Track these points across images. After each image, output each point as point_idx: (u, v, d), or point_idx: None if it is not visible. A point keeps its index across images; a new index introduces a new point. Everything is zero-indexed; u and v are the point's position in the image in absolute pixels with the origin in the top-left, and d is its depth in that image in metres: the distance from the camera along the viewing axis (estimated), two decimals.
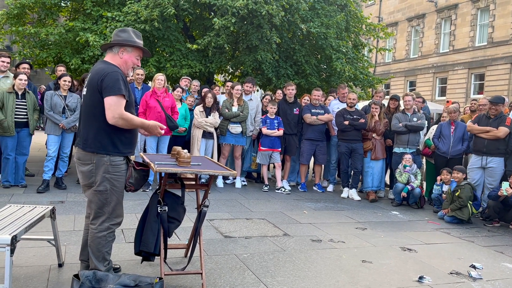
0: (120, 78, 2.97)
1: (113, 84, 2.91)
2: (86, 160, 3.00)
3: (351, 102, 7.53)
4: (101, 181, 2.98)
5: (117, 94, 2.92)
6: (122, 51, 3.12)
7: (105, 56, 3.20)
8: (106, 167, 2.98)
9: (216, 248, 4.36)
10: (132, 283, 2.75)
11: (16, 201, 5.59)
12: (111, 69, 3.00)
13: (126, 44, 3.11)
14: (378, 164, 7.45)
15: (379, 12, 29.43)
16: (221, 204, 6.32)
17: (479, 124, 6.55)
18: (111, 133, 2.98)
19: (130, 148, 3.13)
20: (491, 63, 21.64)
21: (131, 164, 3.13)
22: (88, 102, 3.04)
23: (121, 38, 3.13)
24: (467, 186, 6.18)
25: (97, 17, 9.35)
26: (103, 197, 3.01)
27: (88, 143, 2.99)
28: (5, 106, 6.19)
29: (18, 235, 2.83)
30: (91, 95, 3.00)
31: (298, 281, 3.66)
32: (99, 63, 3.15)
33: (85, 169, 3.02)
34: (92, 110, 3.00)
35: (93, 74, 3.04)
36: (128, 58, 3.14)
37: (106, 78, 2.93)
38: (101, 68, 3.03)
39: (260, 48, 9.30)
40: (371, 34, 12.05)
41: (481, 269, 4.26)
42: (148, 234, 3.31)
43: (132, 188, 3.12)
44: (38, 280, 3.34)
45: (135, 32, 3.20)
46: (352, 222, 5.87)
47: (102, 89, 2.92)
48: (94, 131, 2.99)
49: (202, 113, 7.32)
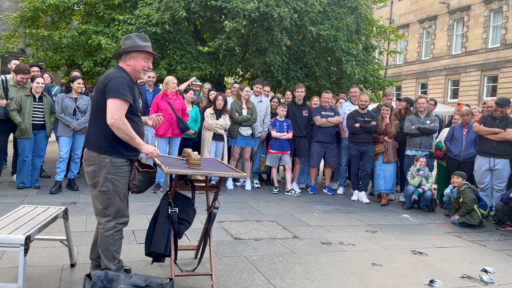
0: (125, 84, 3.03)
1: (116, 88, 2.98)
2: (90, 161, 3.09)
3: (363, 104, 7.50)
4: (104, 181, 3.04)
5: (119, 97, 2.98)
6: (129, 58, 3.19)
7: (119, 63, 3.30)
8: (108, 168, 3.04)
9: (226, 250, 4.38)
10: (143, 284, 2.78)
11: (30, 202, 5.67)
12: (118, 74, 3.09)
13: (130, 50, 3.17)
14: (390, 167, 7.41)
15: (390, 14, 29.27)
16: (231, 206, 6.34)
17: (485, 125, 6.50)
18: (110, 136, 3.02)
19: (133, 152, 3.14)
20: (504, 65, 21.39)
21: (135, 166, 3.15)
22: (94, 103, 3.18)
23: (125, 46, 3.21)
24: (467, 190, 6.14)
25: (109, 20, 9.46)
26: (107, 197, 3.06)
27: (90, 142, 3.12)
28: (23, 109, 6.31)
29: (32, 235, 2.88)
30: (97, 97, 3.11)
31: (308, 284, 3.66)
32: (112, 68, 3.29)
33: (89, 170, 3.10)
34: (96, 111, 3.11)
35: (102, 77, 3.18)
36: (135, 63, 3.18)
37: (111, 82, 3.01)
38: (110, 72, 3.16)
39: (269, 51, 9.32)
40: (382, 36, 12.00)
41: (493, 273, 4.21)
42: (159, 235, 3.34)
43: (135, 190, 3.15)
44: (51, 280, 3.39)
45: (139, 36, 3.26)
46: (362, 225, 5.84)
47: (106, 91, 3.01)
48: (96, 131, 3.09)
49: (213, 115, 7.35)
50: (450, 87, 25.15)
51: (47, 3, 9.18)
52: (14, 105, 6.29)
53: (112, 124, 2.95)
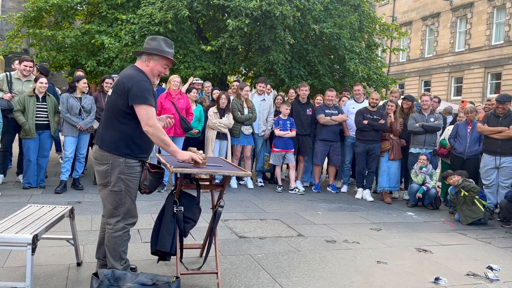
0: (150, 88, 3.04)
1: (142, 93, 2.97)
2: (103, 160, 3.06)
3: (374, 102, 7.46)
4: (116, 181, 3.03)
5: (147, 103, 2.97)
6: (149, 59, 3.16)
7: (136, 62, 3.25)
8: (122, 168, 3.02)
9: (231, 248, 4.39)
10: (149, 282, 2.80)
11: (35, 201, 5.70)
12: (140, 77, 3.06)
13: (154, 53, 3.15)
14: (395, 165, 7.41)
15: (393, 11, 29.19)
16: (235, 205, 6.35)
17: (488, 124, 6.48)
18: (128, 137, 3.03)
19: (145, 153, 3.17)
20: (507, 62, 21.29)
21: (146, 167, 3.16)
22: (111, 104, 3.09)
23: (149, 47, 3.16)
24: (464, 180, 6.18)
25: (112, 20, 9.49)
26: (118, 197, 3.05)
27: (105, 143, 3.06)
28: (27, 110, 6.33)
29: (39, 234, 2.89)
30: (116, 98, 3.04)
31: (313, 282, 3.67)
32: (130, 68, 3.21)
33: (101, 169, 3.07)
34: (114, 113, 3.05)
35: (122, 78, 3.09)
36: (154, 66, 3.17)
37: (135, 86, 2.98)
38: (130, 75, 3.07)
39: (272, 49, 9.32)
40: (385, 34, 11.98)
41: (498, 271, 4.21)
42: (165, 234, 3.36)
43: (146, 190, 3.16)
44: (57, 279, 3.41)
45: (166, 41, 3.22)
46: (366, 223, 5.85)
47: (130, 96, 2.97)
48: (112, 133, 3.04)
49: (216, 114, 7.36)
50: (453, 84, 25.06)
51: (50, 3, 9.22)
52: (18, 106, 6.32)
53: (148, 131, 2.97)
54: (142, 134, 3.04)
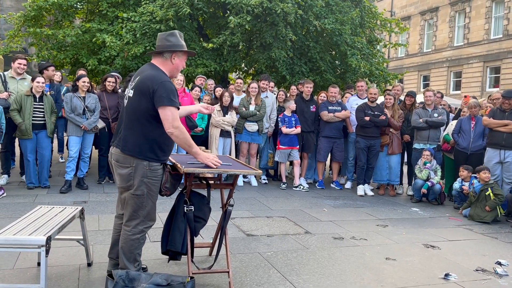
0: (174, 89, 2.98)
1: (168, 95, 2.90)
2: (126, 163, 2.99)
3: (372, 97, 7.44)
4: (139, 185, 2.98)
5: (173, 105, 2.92)
6: (175, 56, 3.11)
7: (153, 60, 3.15)
8: (145, 172, 2.98)
9: (240, 247, 4.40)
10: (164, 282, 2.80)
11: (40, 201, 5.68)
12: (163, 77, 2.99)
13: (178, 50, 3.10)
14: (395, 159, 7.42)
15: (391, 6, 29.15)
16: (240, 203, 6.35)
17: (494, 118, 6.50)
18: (152, 141, 2.98)
19: (167, 156, 3.15)
20: (506, 56, 21.31)
21: (168, 169, 3.13)
22: (134, 105, 3.00)
23: (170, 43, 3.08)
24: (495, 184, 6.12)
25: (113, 18, 9.44)
26: (140, 200, 3.01)
27: (127, 146, 2.98)
28: (23, 109, 6.27)
29: (52, 235, 2.89)
30: (139, 100, 2.97)
31: (324, 279, 3.68)
32: (149, 67, 3.10)
33: (123, 172, 3.01)
34: (137, 115, 2.98)
35: (144, 78, 2.99)
36: (180, 62, 3.14)
37: (161, 87, 2.90)
38: (153, 76, 2.98)
39: (274, 46, 9.30)
40: (386, 29, 11.96)
41: (507, 266, 4.22)
42: (175, 233, 3.35)
43: (167, 193, 3.13)
44: (69, 279, 3.40)
45: (181, 35, 3.17)
46: (372, 219, 5.86)
47: (156, 98, 2.89)
48: (136, 136, 2.98)
49: (220, 112, 7.35)
50: (452, 79, 25.09)
51: (50, 2, 9.16)
52: (15, 105, 6.24)
53: (172, 133, 2.92)
54: (165, 136, 2.99)
